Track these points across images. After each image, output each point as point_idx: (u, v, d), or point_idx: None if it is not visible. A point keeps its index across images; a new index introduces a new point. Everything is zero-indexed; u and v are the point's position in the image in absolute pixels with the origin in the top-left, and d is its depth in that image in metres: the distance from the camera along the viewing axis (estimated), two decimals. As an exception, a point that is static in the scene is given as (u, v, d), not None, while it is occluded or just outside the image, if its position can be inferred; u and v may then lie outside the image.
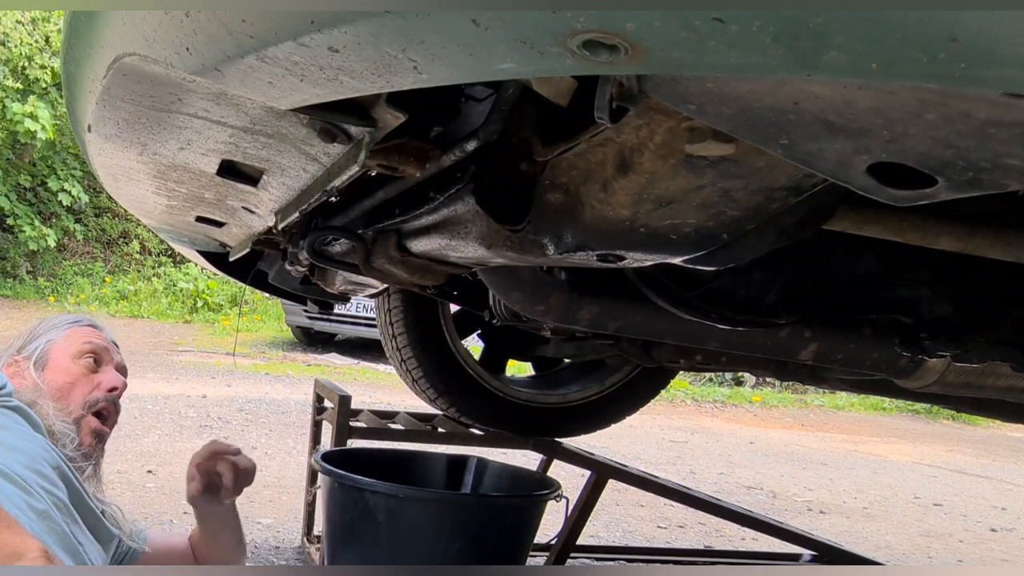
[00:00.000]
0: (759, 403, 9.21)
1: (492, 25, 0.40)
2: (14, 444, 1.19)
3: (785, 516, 3.73)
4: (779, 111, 0.46)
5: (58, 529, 1.16)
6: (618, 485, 2.70)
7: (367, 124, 0.73)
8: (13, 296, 10.24)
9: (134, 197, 1.48)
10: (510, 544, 1.40)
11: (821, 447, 6.90)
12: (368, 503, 1.36)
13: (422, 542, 1.36)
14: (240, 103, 0.77)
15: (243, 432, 4.55)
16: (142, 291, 10.62)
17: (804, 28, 0.35)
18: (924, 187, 0.48)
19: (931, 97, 0.40)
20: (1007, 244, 0.80)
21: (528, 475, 1.61)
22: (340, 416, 2.27)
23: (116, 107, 0.88)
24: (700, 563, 3.03)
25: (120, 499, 3.09)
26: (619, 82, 0.52)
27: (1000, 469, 6.70)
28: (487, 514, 1.40)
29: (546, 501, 1.48)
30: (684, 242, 0.72)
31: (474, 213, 0.81)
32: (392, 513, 1.34)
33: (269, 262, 2.05)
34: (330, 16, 0.46)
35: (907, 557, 3.62)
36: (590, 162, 0.70)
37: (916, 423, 9.34)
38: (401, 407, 2.88)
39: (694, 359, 1.59)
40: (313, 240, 1.19)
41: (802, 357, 1.26)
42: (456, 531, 1.37)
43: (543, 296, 1.14)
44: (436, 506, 1.37)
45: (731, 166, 0.61)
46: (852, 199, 0.73)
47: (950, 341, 1.07)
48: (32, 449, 1.21)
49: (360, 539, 1.38)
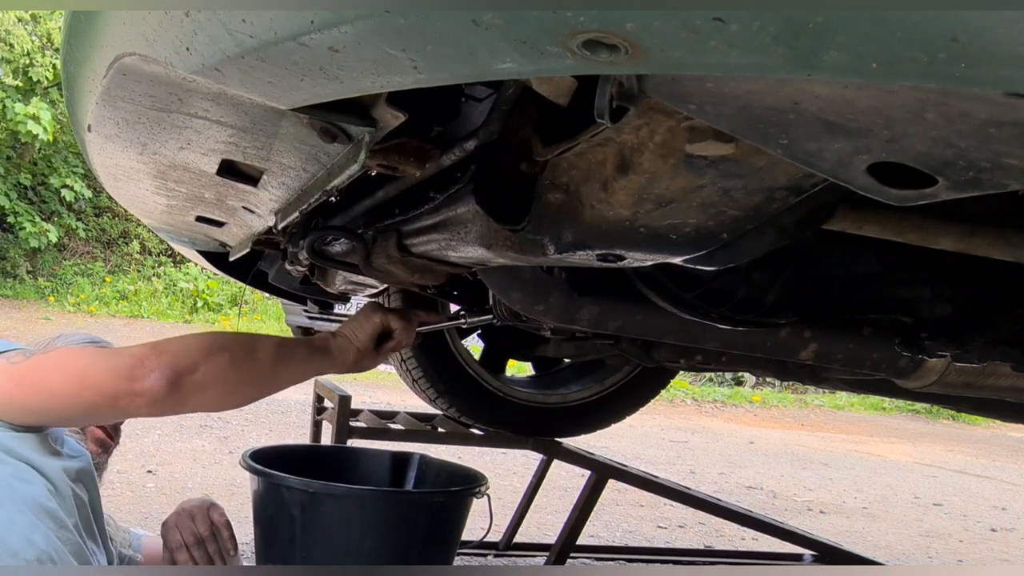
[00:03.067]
0: (759, 403, 9.21)
1: (492, 25, 0.40)
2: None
3: (785, 516, 3.73)
4: (779, 111, 0.46)
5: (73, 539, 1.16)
6: (618, 485, 2.71)
7: (367, 124, 0.73)
8: (13, 296, 10.24)
9: (134, 197, 1.48)
10: (427, 541, 1.39)
11: (821, 447, 6.90)
12: (284, 498, 1.36)
13: (334, 538, 1.35)
14: (240, 103, 0.77)
15: (243, 432, 4.56)
16: (142, 291, 10.62)
17: (804, 28, 0.35)
18: (924, 187, 0.48)
19: (931, 97, 0.40)
20: (1007, 244, 0.80)
21: (464, 472, 1.60)
22: (340, 416, 2.27)
23: (116, 107, 0.88)
24: (700, 563, 3.03)
25: (120, 499, 3.09)
26: (619, 82, 0.52)
27: (1000, 469, 6.70)
28: (399, 510, 1.39)
29: (466, 497, 1.47)
30: (684, 242, 0.72)
31: (474, 213, 0.81)
32: (306, 509, 1.34)
33: (269, 262, 2.05)
34: (330, 16, 0.46)
35: (907, 557, 3.62)
36: (590, 162, 0.70)
37: (916, 423, 9.35)
38: (401, 407, 2.88)
39: (694, 359, 1.59)
40: (313, 240, 1.20)
41: (802, 357, 1.26)
42: (368, 527, 1.36)
43: (543, 296, 1.14)
44: (347, 502, 1.36)
45: (731, 166, 0.61)
46: (852, 199, 0.73)
47: (950, 341, 1.07)
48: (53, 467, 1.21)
49: (280, 535, 1.38)
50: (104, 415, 1.13)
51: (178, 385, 1.09)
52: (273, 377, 1.22)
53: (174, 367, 1.09)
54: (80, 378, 1.10)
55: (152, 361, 1.09)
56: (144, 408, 1.10)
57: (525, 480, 3.03)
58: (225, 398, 1.17)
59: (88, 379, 1.09)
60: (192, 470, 3.67)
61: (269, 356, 1.20)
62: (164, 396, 1.09)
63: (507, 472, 4.13)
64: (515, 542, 2.87)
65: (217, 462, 3.80)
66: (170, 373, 1.09)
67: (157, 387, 1.08)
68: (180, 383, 1.10)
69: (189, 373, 1.10)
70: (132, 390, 1.08)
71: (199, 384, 1.11)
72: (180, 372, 1.10)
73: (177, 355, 1.11)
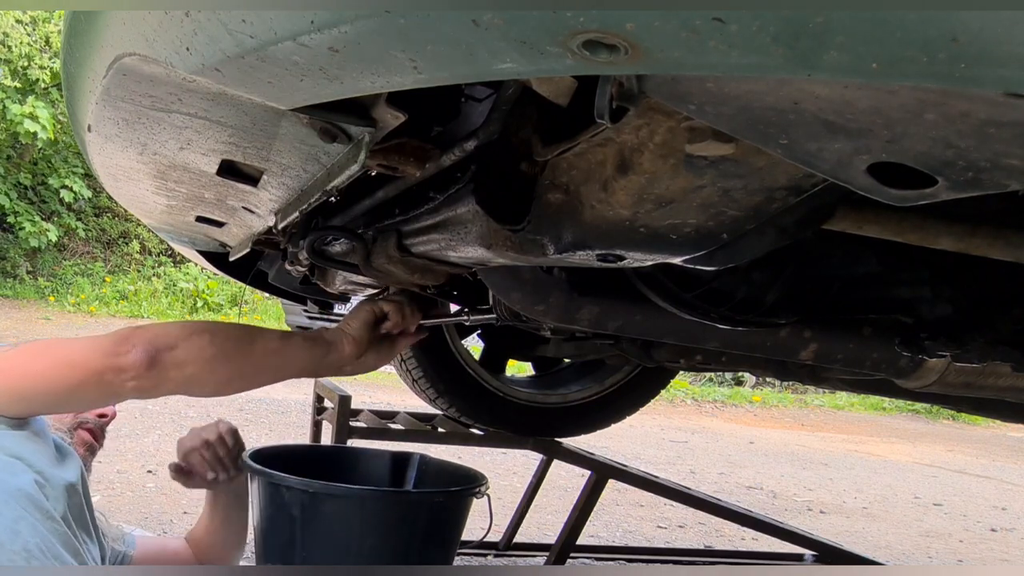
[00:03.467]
0: (759, 403, 9.21)
1: (492, 25, 0.40)
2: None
3: (785, 516, 3.73)
4: (779, 111, 0.46)
5: (61, 530, 1.17)
6: (618, 485, 2.71)
7: (367, 124, 0.73)
8: (13, 296, 10.24)
9: (134, 197, 1.48)
10: (427, 541, 1.39)
11: (821, 447, 6.90)
12: (284, 498, 1.36)
13: (334, 538, 1.35)
14: (240, 103, 0.77)
15: (243, 432, 4.55)
16: (142, 291, 10.62)
17: (804, 28, 0.35)
18: (924, 187, 0.48)
19: (931, 97, 0.40)
20: (1007, 244, 0.80)
21: (464, 472, 1.60)
22: (340, 416, 2.27)
23: (116, 107, 0.88)
24: (700, 563, 3.03)
25: (120, 499, 3.09)
26: (619, 82, 0.52)
27: (1000, 469, 6.70)
28: (399, 510, 1.39)
29: (466, 497, 1.46)
30: (684, 242, 0.72)
31: (474, 213, 0.81)
32: (306, 509, 1.34)
33: (269, 262, 2.05)
34: (330, 16, 0.46)
35: (907, 557, 3.62)
36: (590, 162, 0.70)
37: (916, 423, 9.35)
38: (401, 407, 2.89)
39: (694, 359, 1.59)
40: (313, 240, 1.20)
41: (802, 357, 1.26)
42: (368, 527, 1.36)
43: (543, 296, 1.14)
44: (347, 502, 1.36)
45: (731, 166, 0.61)
46: (852, 199, 0.73)
47: (950, 341, 1.07)
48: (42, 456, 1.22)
49: (279, 535, 1.38)
50: (90, 395, 1.15)
51: (158, 360, 1.13)
52: (259, 362, 1.23)
53: (154, 343, 1.14)
54: (65, 358, 1.14)
55: (135, 337, 1.14)
56: (129, 384, 1.13)
57: (525, 480, 3.03)
58: (207, 376, 1.19)
59: (73, 359, 1.13)
60: (192, 470, 3.65)
61: (255, 340, 1.22)
62: (145, 371, 1.12)
63: (507, 472, 4.13)
64: (515, 542, 2.87)
65: (217, 462, 3.79)
66: (150, 348, 1.13)
67: (139, 361, 1.12)
68: (160, 358, 1.13)
69: (169, 349, 1.14)
70: (116, 365, 1.12)
71: (179, 360, 1.15)
72: (160, 348, 1.14)
73: (158, 332, 1.16)
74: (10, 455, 1.15)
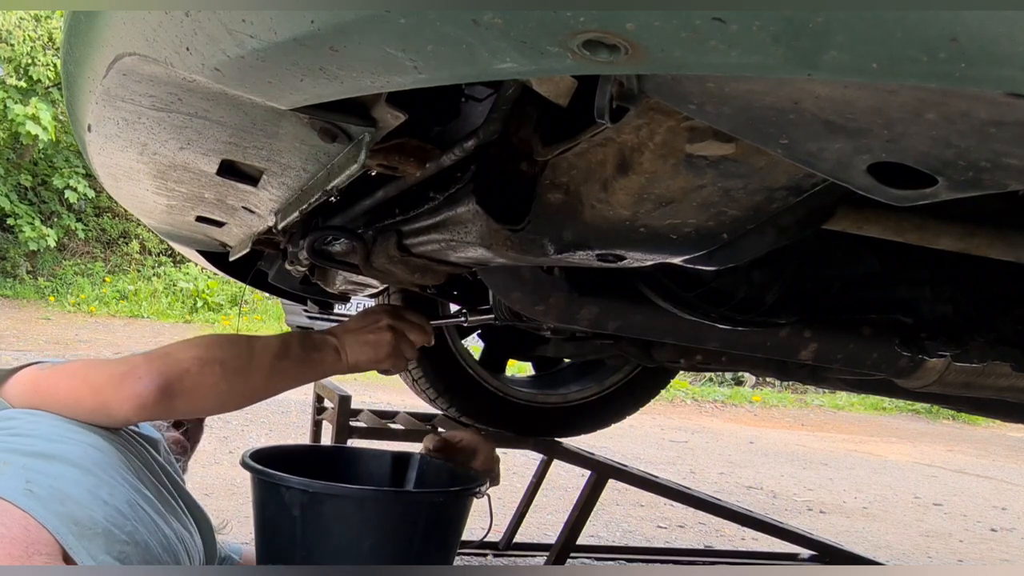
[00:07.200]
0: (759, 403, 9.21)
1: (492, 25, 0.40)
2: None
3: (785, 516, 3.73)
4: (779, 111, 0.46)
5: (147, 519, 1.18)
6: (618, 485, 2.70)
7: (367, 124, 0.73)
8: (13, 296, 10.25)
9: (134, 197, 1.48)
10: (427, 541, 1.39)
11: (821, 447, 6.90)
12: (284, 498, 1.35)
13: (334, 538, 1.35)
14: (240, 103, 0.77)
15: (243, 431, 4.56)
16: (142, 291, 10.62)
17: (804, 28, 0.35)
18: (924, 187, 0.48)
19: (931, 97, 0.40)
20: (1007, 244, 0.80)
21: (464, 472, 1.60)
22: (340, 416, 2.27)
23: (116, 107, 0.88)
24: (700, 563, 3.03)
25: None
26: (619, 82, 0.52)
27: (1000, 469, 6.70)
28: (399, 510, 1.38)
29: (466, 497, 1.46)
30: (684, 242, 0.72)
31: (474, 213, 0.81)
32: (306, 509, 1.34)
33: (269, 262, 2.05)
34: (330, 16, 0.46)
35: (907, 557, 3.62)
36: (590, 162, 0.70)
37: (916, 423, 9.35)
38: (401, 407, 2.88)
39: (694, 359, 1.58)
40: (313, 240, 1.20)
41: (802, 357, 1.26)
42: (367, 527, 1.35)
43: (543, 296, 1.14)
44: (347, 502, 1.36)
45: (731, 166, 0.61)
46: (852, 199, 0.73)
47: (950, 341, 1.07)
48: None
49: (280, 535, 1.38)
50: (99, 419, 1.18)
51: (166, 392, 1.15)
52: (267, 388, 1.27)
53: (163, 374, 1.15)
54: (85, 382, 1.17)
55: (142, 368, 1.15)
56: (132, 413, 1.16)
57: (525, 480, 3.03)
58: (215, 407, 1.24)
59: (90, 383, 1.16)
60: (192, 470, 3.66)
61: (264, 364, 1.24)
62: (152, 402, 1.14)
63: (507, 472, 4.12)
64: (515, 542, 2.87)
65: (217, 462, 3.80)
66: (159, 380, 1.14)
67: (144, 393, 1.13)
68: (169, 390, 1.15)
69: (178, 381, 1.15)
70: (120, 396, 1.14)
71: (188, 391, 1.16)
72: (169, 379, 1.15)
73: (168, 363, 1.17)
74: (91, 432, 1.18)
